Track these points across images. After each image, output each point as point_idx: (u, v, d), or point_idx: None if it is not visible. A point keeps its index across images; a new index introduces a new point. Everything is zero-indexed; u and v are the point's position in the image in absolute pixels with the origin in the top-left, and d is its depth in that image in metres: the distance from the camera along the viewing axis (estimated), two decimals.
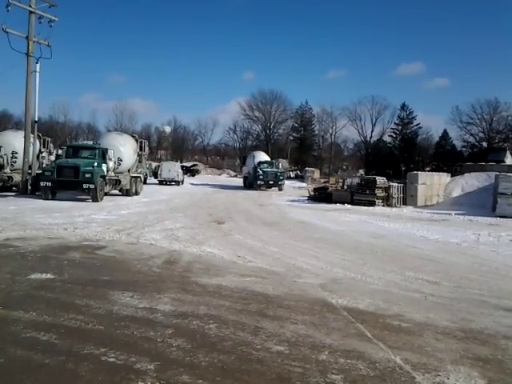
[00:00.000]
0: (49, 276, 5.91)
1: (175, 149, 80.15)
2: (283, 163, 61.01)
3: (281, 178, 34.52)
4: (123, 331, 4.10)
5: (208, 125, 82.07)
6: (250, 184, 35.20)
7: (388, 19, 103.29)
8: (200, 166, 65.32)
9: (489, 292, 6.16)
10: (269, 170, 34.57)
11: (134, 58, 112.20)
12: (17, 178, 20.39)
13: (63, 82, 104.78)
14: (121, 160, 21.03)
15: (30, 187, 19.62)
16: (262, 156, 39.23)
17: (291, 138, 77.47)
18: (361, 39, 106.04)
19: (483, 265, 8.17)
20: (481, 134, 63.75)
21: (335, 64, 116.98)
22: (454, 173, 30.64)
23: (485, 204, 20.24)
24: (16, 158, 20.90)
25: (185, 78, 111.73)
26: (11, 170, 20.73)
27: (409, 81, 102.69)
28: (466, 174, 25.73)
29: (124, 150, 21.64)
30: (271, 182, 33.88)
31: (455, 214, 18.24)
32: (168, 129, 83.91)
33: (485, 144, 62.24)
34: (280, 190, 33.66)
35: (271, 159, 40.46)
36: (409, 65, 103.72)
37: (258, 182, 33.60)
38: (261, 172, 33.78)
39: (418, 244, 10.36)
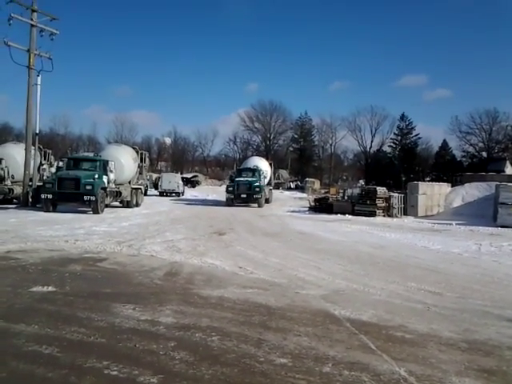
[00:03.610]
0: (50, 289, 5.89)
1: (175, 160, 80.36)
2: (283, 174, 61.29)
3: (257, 189, 25.55)
4: (126, 344, 4.08)
5: (208, 136, 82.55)
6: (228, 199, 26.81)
7: (390, 32, 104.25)
8: (200, 177, 65.53)
9: (491, 302, 6.13)
10: (242, 179, 26.31)
11: (136, 70, 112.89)
12: (18, 190, 20.45)
13: (68, 95, 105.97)
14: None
15: (30, 199, 19.65)
16: (251, 161, 31.81)
17: (291, 148, 77.86)
18: (363, 52, 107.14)
19: (485, 275, 8.14)
20: (480, 144, 63.95)
21: (337, 76, 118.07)
22: (455, 183, 30.68)
23: (485, 214, 20.27)
24: (17, 170, 20.96)
25: (186, 91, 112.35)
26: (12, 183, 20.80)
27: (409, 92, 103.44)
28: (466, 184, 25.78)
29: (125, 161, 21.72)
30: (244, 196, 25.73)
31: (456, 224, 18.24)
32: (168, 140, 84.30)
33: (484, 154, 62.37)
34: (259, 206, 25.53)
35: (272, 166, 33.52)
36: (409, 77, 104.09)
37: (227, 196, 26.41)
38: (231, 183, 26.98)
39: (419, 254, 10.33)
